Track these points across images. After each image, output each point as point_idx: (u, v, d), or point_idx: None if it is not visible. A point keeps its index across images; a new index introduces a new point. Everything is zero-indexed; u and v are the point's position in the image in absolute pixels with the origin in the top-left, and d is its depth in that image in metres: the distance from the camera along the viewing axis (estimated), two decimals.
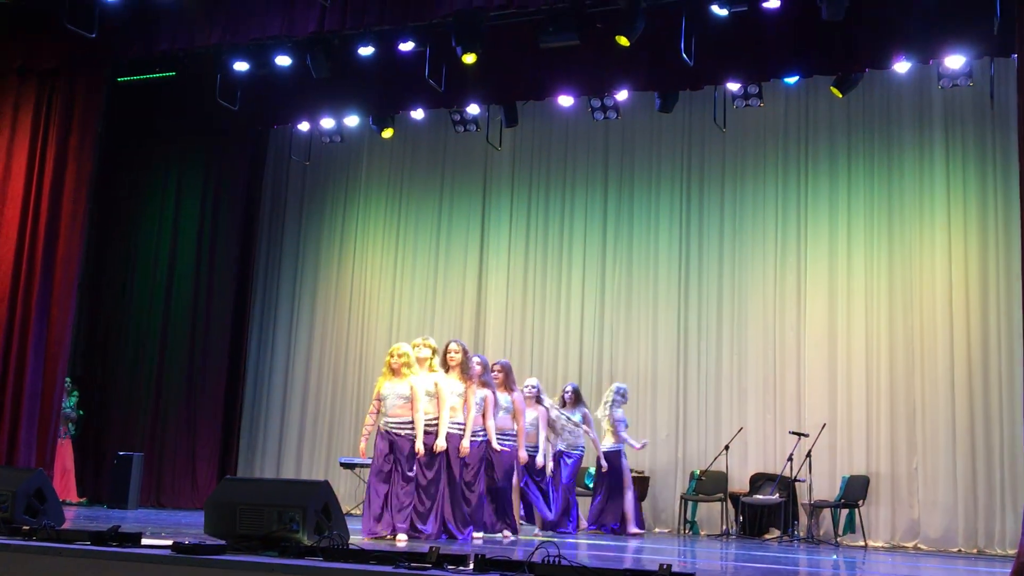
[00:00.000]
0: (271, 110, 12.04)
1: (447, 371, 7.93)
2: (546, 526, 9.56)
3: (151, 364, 12.20)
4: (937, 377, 10.19)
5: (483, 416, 8.18)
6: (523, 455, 8.82)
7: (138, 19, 10.36)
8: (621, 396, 10.36)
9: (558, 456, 10.08)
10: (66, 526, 6.20)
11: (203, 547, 4.88)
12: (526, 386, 9.61)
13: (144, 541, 5.30)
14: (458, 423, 7.84)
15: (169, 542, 5.12)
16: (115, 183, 12.68)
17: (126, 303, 12.48)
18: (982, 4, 8.72)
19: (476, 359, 8.31)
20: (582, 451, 10.16)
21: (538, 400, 9.70)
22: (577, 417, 10.09)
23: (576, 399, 10.22)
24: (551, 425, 9.96)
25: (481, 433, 8.16)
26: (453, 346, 8.05)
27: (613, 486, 10.14)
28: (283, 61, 10.63)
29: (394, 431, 7.59)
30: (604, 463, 10.08)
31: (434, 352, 7.87)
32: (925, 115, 10.67)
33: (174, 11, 10.18)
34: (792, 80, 10.63)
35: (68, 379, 11.50)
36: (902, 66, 9.90)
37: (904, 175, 10.69)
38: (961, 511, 9.87)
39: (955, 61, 9.67)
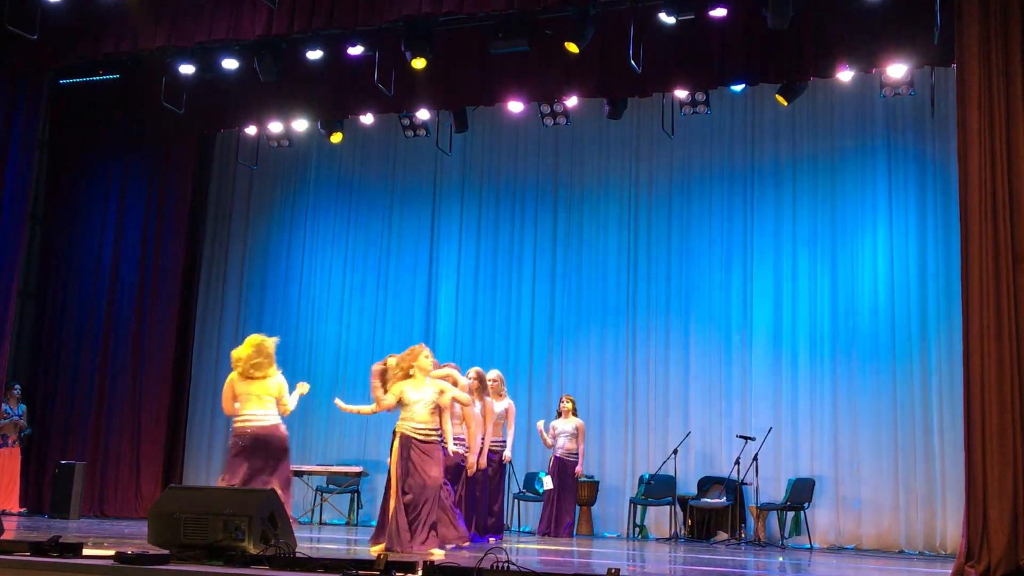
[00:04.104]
0: (217, 114, 11.91)
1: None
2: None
3: (94, 371, 11.99)
4: (879, 379, 10.37)
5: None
6: (471, 461, 8.55)
7: (81, 21, 10.20)
8: None
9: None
10: (6, 536, 6.07)
11: (146, 557, 4.82)
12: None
13: (86, 551, 5.21)
14: None
15: (111, 552, 5.04)
16: (58, 187, 12.44)
17: (69, 309, 12.26)
18: (922, 15, 8.91)
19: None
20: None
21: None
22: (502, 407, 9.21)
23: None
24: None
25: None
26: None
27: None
28: (230, 64, 10.53)
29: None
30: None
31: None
32: (867, 123, 10.87)
33: (118, 13, 10.03)
34: (738, 88, 10.77)
35: (18, 386, 11.32)
36: (845, 75, 10.08)
37: (847, 182, 10.88)
38: (903, 512, 10.06)
39: (897, 70, 9.85)
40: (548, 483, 10.27)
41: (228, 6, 9.73)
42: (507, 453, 9.27)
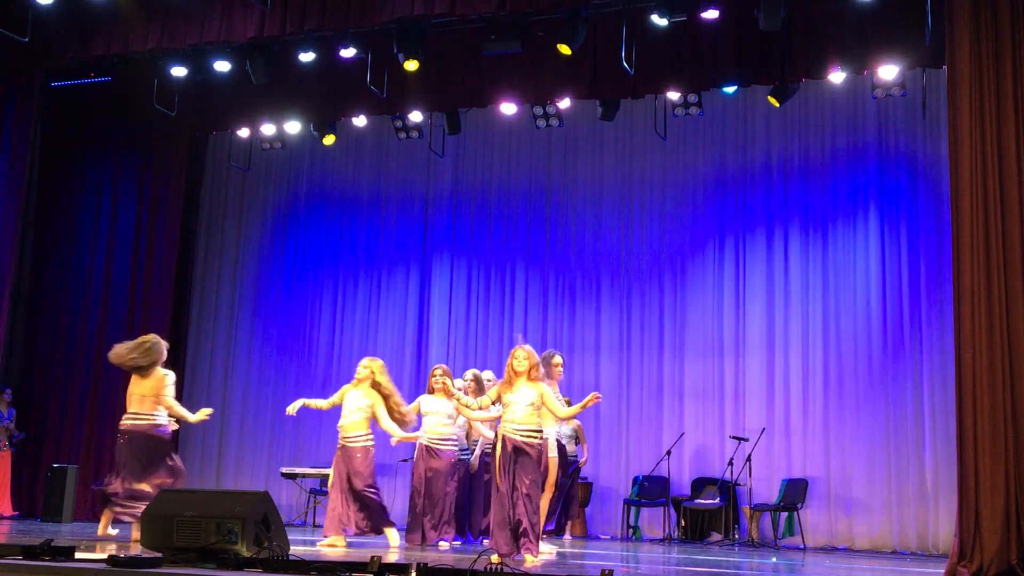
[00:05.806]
0: (210, 116, 11.89)
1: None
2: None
3: (87, 374, 11.94)
4: (871, 380, 10.39)
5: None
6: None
7: (73, 23, 10.18)
8: None
9: None
10: None
11: (139, 560, 4.81)
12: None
13: (78, 555, 5.20)
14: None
15: (104, 556, 5.03)
16: (50, 189, 12.40)
17: (61, 312, 12.21)
18: (914, 16, 8.94)
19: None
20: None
21: None
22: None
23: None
24: None
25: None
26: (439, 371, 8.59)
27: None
28: (222, 67, 10.52)
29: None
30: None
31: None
32: (859, 124, 10.89)
33: (110, 15, 10.02)
34: (730, 89, 10.77)
35: (9, 390, 11.29)
36: (837, 76, 10.09)
37: (839, 182, 10.89)
38: (896, 512, 10.07)
39: (888, 71, 9.88)
40: None
41: (219, 8, 9.72)
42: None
